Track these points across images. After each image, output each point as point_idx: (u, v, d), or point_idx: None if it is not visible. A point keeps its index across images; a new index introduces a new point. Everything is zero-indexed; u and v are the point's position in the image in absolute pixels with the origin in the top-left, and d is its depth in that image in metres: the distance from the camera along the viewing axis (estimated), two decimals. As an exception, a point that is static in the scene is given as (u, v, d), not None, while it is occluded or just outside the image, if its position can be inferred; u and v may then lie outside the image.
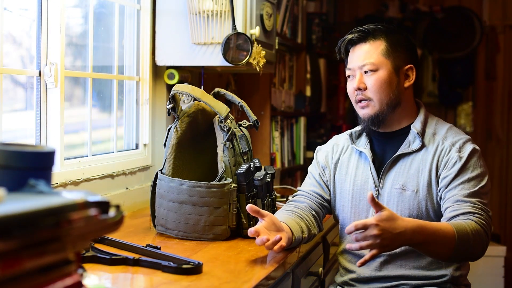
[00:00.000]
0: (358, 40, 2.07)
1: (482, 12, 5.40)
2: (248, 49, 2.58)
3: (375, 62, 2.03)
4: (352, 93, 2.09)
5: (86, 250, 1.70)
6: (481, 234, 1.87)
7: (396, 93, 2.05)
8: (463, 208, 1.91)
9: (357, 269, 2.09)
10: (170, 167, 2.10)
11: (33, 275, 0.92)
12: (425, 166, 2.02)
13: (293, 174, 4.29)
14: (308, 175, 2.24)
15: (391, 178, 2.05)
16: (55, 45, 2.17)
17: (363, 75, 2.05)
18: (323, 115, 4.86)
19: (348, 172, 2.14)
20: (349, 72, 2.09)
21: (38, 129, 2.17)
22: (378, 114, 2.05)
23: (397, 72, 2.05)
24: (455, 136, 2.05)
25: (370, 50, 2.04)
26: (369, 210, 2.07)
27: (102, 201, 1.04)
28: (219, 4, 2.57)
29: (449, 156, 2.00)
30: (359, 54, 2.05)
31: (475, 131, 5.37)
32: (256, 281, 1.58)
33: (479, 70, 5.44)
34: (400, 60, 2.06)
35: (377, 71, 2.03)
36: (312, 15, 4.53)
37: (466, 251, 1.87)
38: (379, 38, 2.05)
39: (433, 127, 2.09)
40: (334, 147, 2.21)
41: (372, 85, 2.03)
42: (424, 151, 2.04)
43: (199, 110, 2.20)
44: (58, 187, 2.13)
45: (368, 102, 2.05)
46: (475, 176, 1.97)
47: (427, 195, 2.00)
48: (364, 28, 2.07)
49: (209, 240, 2.02)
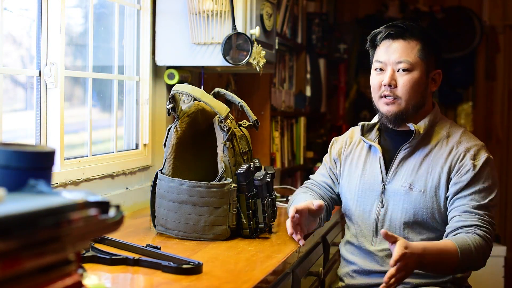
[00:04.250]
0: (396, 35, 2.04)
1: (482, 12, 5.39)
2: (248, 49, 2.58)
3: (412, 61, 2.01)
4: (378, 87, 2.06)
5: (86, 250, 1.70)
6: (483, 248, 1.90)
7: (423, 96, 2.05)
8: (470, 220, 1.93)
9: (358, 260, 2.10)
10: (170, 167, 2.10)
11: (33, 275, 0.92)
12: (435, 168, 2.01)
13: (293, 174, 4.29)
14: (322, 164, 2.29)
15: (400, 175, 2.05)
16: (55, 45, 2.17)
17: (395, 72, 2.03)
18: (323, 115, 4.86)
19: (357, 164, 2.15)
20: (379, 65, 2.06)
21: (38, 129, 2.17)
22: (402, 113, 2.03)
23: (427, 75, 2.05)
24: (470, 142, 2.04)
25: (407, 48, 2.02)
26: (374, 204, 2.08)
27: (102, 201, 1.04)
28: (219, 4, 2.57)
29: (463, 162, 1.99)
30: (395, 50, 2.03)
31: (475, 131, 5.37)
32: (256, 281, 1.58)
33: (479, 70, 5.44)
34: (431, 64, 2.06)
35: (412, 71, 2.01)
36: (312, 15, 4.53)
37: (469, 265, 1.93)
38: (416, 37, 2.03)
39: (447, 129, 2.08)
40: (347, 140, 2.23)
41: (404, 84, 2.01)
42: (436, 152, 2.03)
43: (199, 110, 2.20)
44: (58, 187, 2.13)
45: (394, 99, 2.03)
46: (486, 188, 1.98)
47: (434, 197, 2.00)
48: (402, 24, 2.05)
49: (209, 240, 2.01)
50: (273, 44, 2.99)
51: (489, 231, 1.93)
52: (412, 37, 2.03)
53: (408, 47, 2.02)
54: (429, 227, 2.02)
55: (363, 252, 2.10)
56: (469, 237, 1.90)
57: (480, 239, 1.90)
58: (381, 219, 2.06)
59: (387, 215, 2.05)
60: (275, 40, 3.04)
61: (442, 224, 2.01)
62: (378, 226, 2.06)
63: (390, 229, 2.04)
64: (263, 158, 3.60)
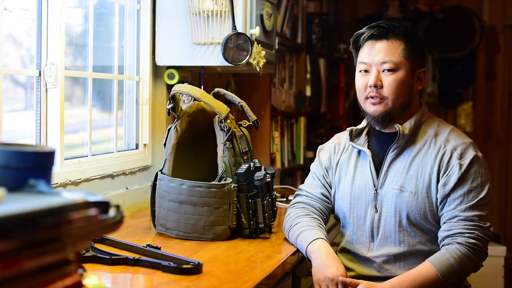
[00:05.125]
0: (379, 36, 2.03)
1: (482, 12, 5.39)
2: (248, 49, 2.58)
3: (397, 61, 2.00)
4: (364, 88, 2.04)
5: (86, 250, 1.70)
6: (467, 259, 1.91)
7: (409, 95, 2.03)
8: (455, 228, 1.93)
9: (356, 267, 2.09)
10: (170, 167, 2.10)
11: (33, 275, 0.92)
12: (425, 169, 2.00)
13: (293, 174, 4.29)
14: (311, 175, 2.22)
15: (390, 178, 2.04)
16: (55, 45, 2.17)
17: (380, 72, 2.01)
18: (323, 115, 4.86)
19: (348, 171, 2.13)
20: (364, 67, 2.05)
21: (38, 129, 2.17)
22: (389, 113, 2.02)
23: (412, 74, 2.04)
24: (457, 140, 2.02)
25: (391, 48, 2.01)
26: (367, 210, 2.06)
27: (102, 201, 1.04)
28: (219, 4, 2.57)
29: (450, 162, 1.98)
30: (379, 50, 2.02)
31: (475, 131, 5.37)
32: (256, 281, 1.58)
33: (479, 70, 5.44)
34: (416, 63, 2.05)
35: (397, 71, 2.00)
36: (312, 15, 4.53)
37: (457, 278, 1.93)
38: (399, 37, 2.02)
39: (435, 128, 2.07)
40: (335, 147, 2.20)
41: (390, 84, 2.00)
42: (425, 152, 2.02)
43: (199, 110, 2.20)
44: (58, 187, 2.13)
45: (381, 99, 2.02)
46: (474, 187, 1.96)
47: (426, 198, 1.99)
48: (384, 24, 2.04)
49: (209, 240, 2.01)
50: (273, 44, 2.99)
51: (474, 235, 1.92)
52: (395, 37, 2.02)
53: (392, 47, 2.01)
54: (423, 229, 2.01)
55: (360, 259, 2.08)
56: (449, 251, 1.91)
57: (462, 251, 1.90)
58: (376, 224, 2.04)
59: (382, 220, 2.03)
60: (275, 40, 3.04)
61: (435, 225, 2.00)
62: (373, 232, 2.05)
63: (385, 234, 2.03)
64: (263, 158, 3.60)
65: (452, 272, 1.89)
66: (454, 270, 1.89)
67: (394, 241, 2.02)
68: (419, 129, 2.07)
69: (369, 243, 2.06)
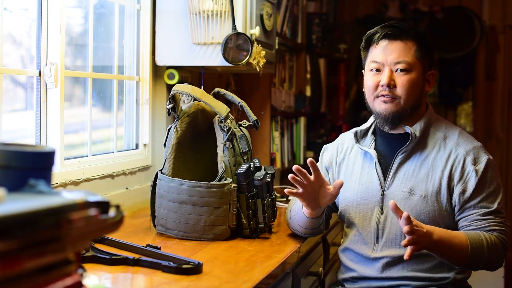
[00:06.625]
0: (393, 36, 2.03)
1: (482, 12, 5.39)
2: (248, 49, 2.58)
3: (410, 62, 2.01)
4: (374, 87, 2.04)
5: (86, 250, 1.70)
6: (498, 247, 1.93)
7: (420, 96, 2.04)
8: (483, 226, 1.96)
9: (358, 268, 2.09)
10: (170, 167, 2.10)
11: (33, 275, 0.92)
12: (435, 172, 2.00)
13: (293, 174, 4.28)
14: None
15: (398, 180, 2.03)
16: (55, 45, 2.17)
17: (393, 72, 2.02)
18: (323, 115, 4.86)
19: (353, 172, 2.13)
20: (375, 65, 2.04)
21: (38, 129, 2.17)
22: (400, 113, 2.02)
23: (423, 76, 2.05)
24: (468, 144, 2.03)
25: (405, 48, 2.01)
26: (373, 211, 2.06)
27: (102, 201, 1.04)
28: (219, 4, 2.57)
29: (465, 168, 1.99)
30: (393, 50, 2.02)
31: (475, 131, 5.37)
32: (256, 281, 1.58)
33: (479, 70, 5.44)
34: (427, 65, 2.06)
35: (410, 71, 2.01)
36: (312, 15, 4.53)
37: (481, 261, 1.93)
38: (412, 38, 2.03)
39: (443, 130, 2.07)
40: (339, 147, 2.20)
41: (404, 84, 2.00)
42: (435, 155, 2.02)
43: (199, 110, 2.20)
44: (58, 187, 2.13)
45: (393, 98, 2.01)
46: (492, 192, 1.98)
47: (435, 202, 1.99)
48: (398, 24, 2.05)
49: (209, 240, 2.01)
50: (273, 44, 2.99)
51: (503, 231, 1.95)
52: (409, 37, 2.02)
53: (406, 47, 2.02)
54: None
55: (364, 259, 2.08)
56: (484, 235, 1.93)
57: (495, 239, 1.93)
58: (381, 226, 2.04)
59: (387, 222, 2.03)
60: (275, 40, 3.04)
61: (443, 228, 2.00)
62: (378, 233, 2.04)
63: (390, 236, 2.03)
64: (263, 158, 3.60)
65: (480, 250, 1.91)
66: (482, 249, 1.91)
67: (398, 243, 2.01)
68: (428, 132, 2.07)
69: (373, 244, 2.06)
